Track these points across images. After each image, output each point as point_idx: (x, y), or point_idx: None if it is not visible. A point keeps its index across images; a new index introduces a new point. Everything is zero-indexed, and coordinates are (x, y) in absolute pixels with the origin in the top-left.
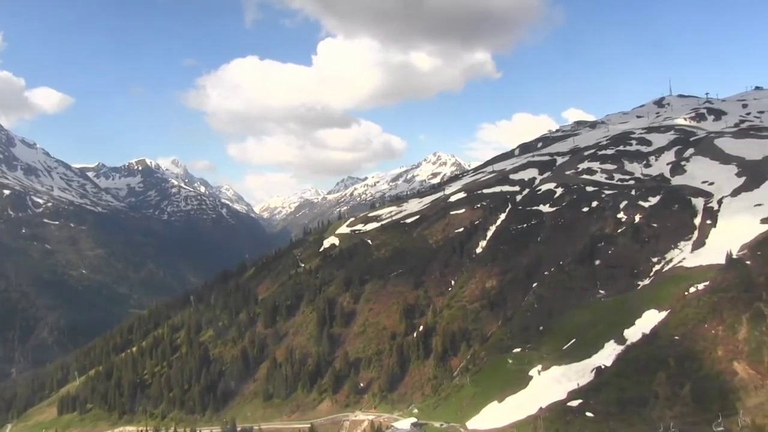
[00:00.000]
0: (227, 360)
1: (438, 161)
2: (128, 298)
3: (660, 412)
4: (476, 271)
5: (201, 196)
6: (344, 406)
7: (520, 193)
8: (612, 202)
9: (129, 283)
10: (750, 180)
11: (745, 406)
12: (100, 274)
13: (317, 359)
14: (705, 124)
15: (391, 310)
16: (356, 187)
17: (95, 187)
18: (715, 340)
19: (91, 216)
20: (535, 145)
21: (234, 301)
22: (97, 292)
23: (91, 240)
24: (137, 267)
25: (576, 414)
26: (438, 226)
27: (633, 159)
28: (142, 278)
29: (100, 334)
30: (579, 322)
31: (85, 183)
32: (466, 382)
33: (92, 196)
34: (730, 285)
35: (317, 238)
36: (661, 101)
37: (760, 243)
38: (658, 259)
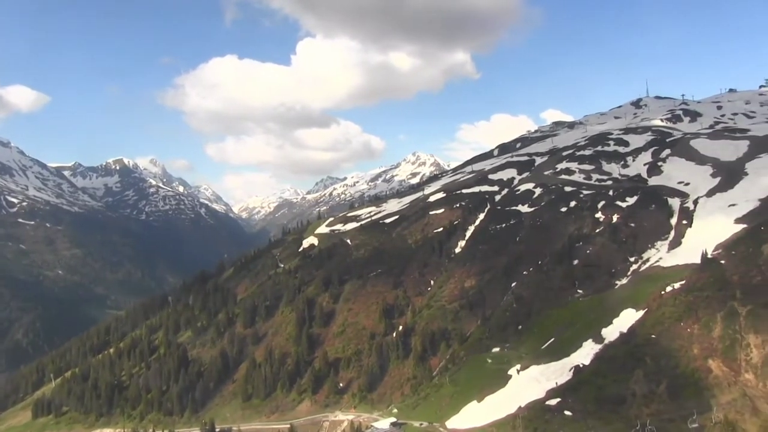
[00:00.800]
0: (206, 361)
1: (417, 161)
2: (105, 298)
3: (637, 409)
4: (455, 271)
5: (179, 196)
6: (324, 406)
7: (498, 193)
8: (590, 202)
9: (106, 284)
10: (725, 180)
11: (718, 403)
12: (77, 275)
13: (296, 359)
14: (681, 125)
15: (371, 310)
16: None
17: (72, 187)
18: (690, 339)
19: (68, 216)
20: (514, 145)
21: (213, 302)
22: (73, 292)
23: (68, 240)
24: (115, 267)
25: (554, 413)
26: (417, 226)
27: (611, 159)
28: (119, 279)
29: (76, 336)
30: (557, 321)
31: (61, 182)
32: (446, 381)
33: (69, 196)
34: (706, 284)
35: (296, 238)
36: (638, 102)
37: (735, 243)
38: (635, 258)
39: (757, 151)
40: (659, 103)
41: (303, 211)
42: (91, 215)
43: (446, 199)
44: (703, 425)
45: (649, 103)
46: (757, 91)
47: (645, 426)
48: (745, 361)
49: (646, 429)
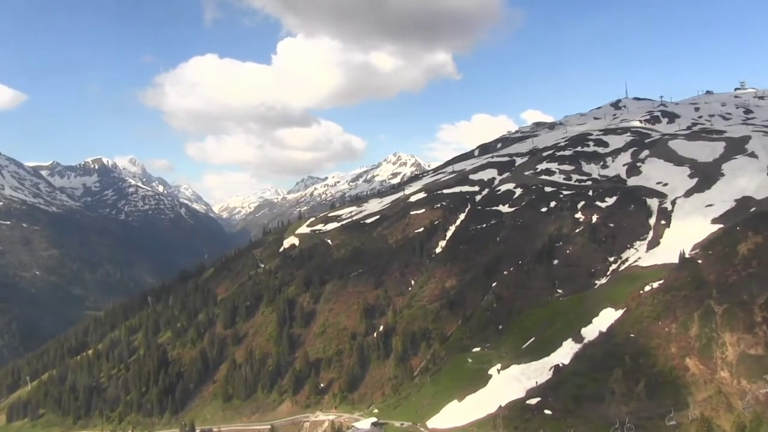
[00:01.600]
0: (186, 361)
1: (398, 161)
2: (84, 299)
3: (616, 408)
4: (436, 271)
5: (159, 196)
6: (305, 406)
7: (479, 194)
8: (570, 203)
9: (84, 285)
10: (702, 181)
11: (695, 400)
12: (54, 275)
13: (277, 360)
14: (659, 126)
15: (351, 310)
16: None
17: (49, 186)
18: (668, 337)
19: (45, 216)
20: (494, 145)
21: (193, 302)
22: (51, 293)
23: (45, 240)
24: (93, 268)
25: (534, 412)
26: (398, 226)
27: (590, 160)
28: (98, 279)
29: (53, 337)
30: (537, 321)
31: (38, 182)
32: (426, 381)
33: (46, 196)
34: (683, 284)
35: (277, 238)
36: (617, 103)
37: (711, 243)
38: (614, 258)
39: (733, 153)
40: (638, 104)
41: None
42: (69, 215)
43: (427, 199)
44: (680, 422)
45: (628, 104)
46: (732, 94)
47: (624, 424)
48: (720, 359)
49: (624, 427)
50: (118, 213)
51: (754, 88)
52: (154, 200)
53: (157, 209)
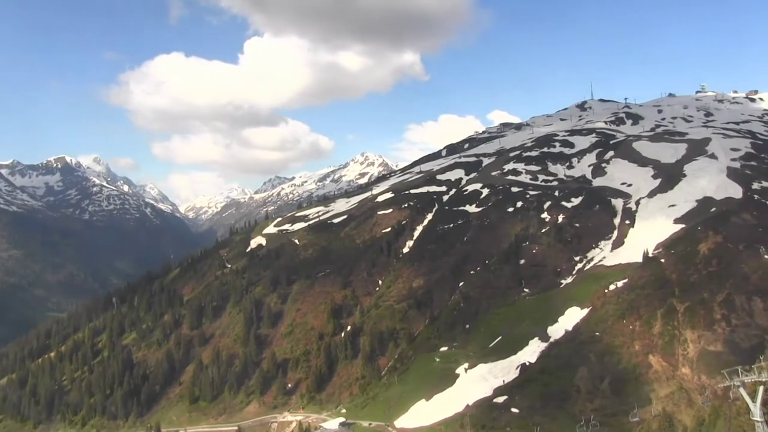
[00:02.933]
0: (151, 363)
1: (366, 161)
2: (46, 301)
3: (581, 405)
4: (403, 271)
5: (124, 196)
6: (272, 407)
7: (446, 194)
8: (536, 203)
9: (47, 286)
10: (665, 182)
11: (658, 396)
12: (15, 277)
13: (244, 360)
14: (624, 127)
15: (319, 310)
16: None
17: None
18: (632, 335)
19: (5, 216)
20: (461, 146)
21: (158, 303)
22: (11, 295)
23: (5, 241)
24: (56, 269)
25: (502, 410)
26: (365, 226)
27: (556, 160)
28: (61, 280)
29: (13, 340)
30: (504, 320)
31: None
32: (394, 381)
33: (6, 195)
34: (647, 282)
35: (244, 238)
36: (583, 105)
37: (674, 242)
38: (580, 258)
39: (695, 154)
40: (603, 105)
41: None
42: (30, 215)
43: (394, 199)
44: (643, 418)
45: (594, 105)
46: (693, 96)
47: (589, 421)
48: (682, 356)
49: (590, 424)
50: (82, 213)
51: (714, 92)
52: (119, 200)
53: (123, 209)
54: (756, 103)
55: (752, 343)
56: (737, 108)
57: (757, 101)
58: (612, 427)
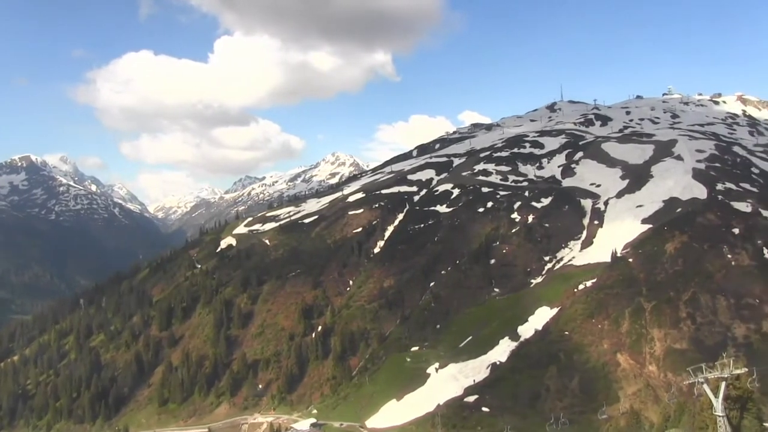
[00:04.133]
0: (120, 365)
1: (336, 161)
2: (9, 303)
3: (551, 404)
4: (374, 271)
5: (92, 195)
6: (243, 408)
7: (417, 194)
8: (506, 203)
9: (10, 287)
10: (633, 182)
11: (626, 394)
12: None
13: (214, 362)
14: (593, 129)
15: (290, 310)
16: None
17: None
18: (601, 334)
19: None
20: (432, 146)
21: (127, 304)
22: None
23: None
24: (20, 270)
25: (472, 410)
26: (336, 226)
27: (527, 161)
28: (25, 282)
29: None
30: (475, 319)
31: None
32: (365, 381)
33: None
34: (615, 282)
35: (214, 238)
36: (553, 106)
37: (642, 242)
38: (549, 258)
39: (662, 155)
40: (573, 107)
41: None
42: None
43: (365, 199)
44: (611, 416)
45: (564, 107)
46: (660, 98)
47: (559, 419)
48: (649, 354)
49: (559, 422)
50: (48, 213)
51: (680, 94)
52: (87, 199)
53: (90, 209)
54: (719, 105)
55: (716, 340)
56: (702, 110)
57: (720, 104)
58: (581, 424)
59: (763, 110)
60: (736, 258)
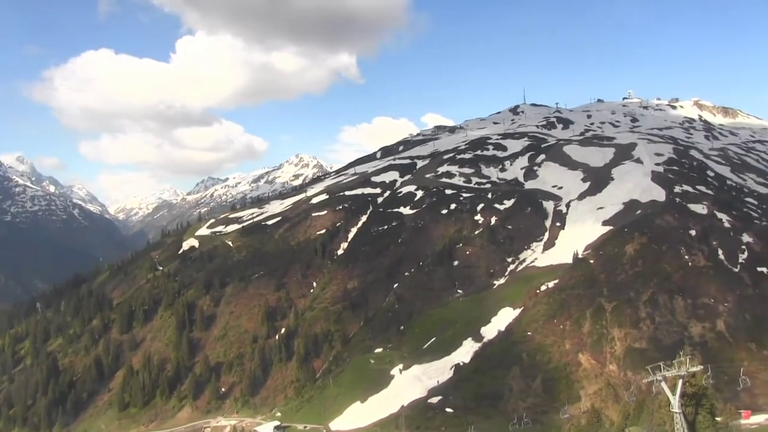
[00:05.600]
0: (79, 369)
1: (300, 163)
2: None
3: (514, 404)
4: (338, 273)
5: (50, 196)
6: (205, 412)
7: (381, 195)
8: (469, 205)
9: None
10: (594, 185)
11: (587, 393)
12: None
13: (176, 365)
14: (555, 131)
15: (253, 312)
16: (217, 188)
17: None
18: (563, 334)
19: None
20: (396, 148)
21: (86, 307)
22: None
23: None
24: None
25: (436, 410)
26: (300, 227)
27: (490, 163)
28: None
29: None
30: (438, 321)
31: None
32: (329, 383)
33: None
34: (576, 282)
35: (176, 240)
36: (516, 109)
37: (602, 243)
38: (512, 259)
39: (622, 158)
40: (535, 110)
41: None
42: None
43: (329, 200)
44: (573, 415)
45: (526, 110)
46: (621, 102)
47: (521, 419)
48: (609, 354)
49: (522, 422)
50: (3, 214)
51: (639, 98)
52: (45, 201)
53: (48, 210)
54: (677, 110)
55: (674, 339)
56: (660, 114)
57: (678, 108)
58: (543, 424)
59: (717, 115)
60: (692, 259)
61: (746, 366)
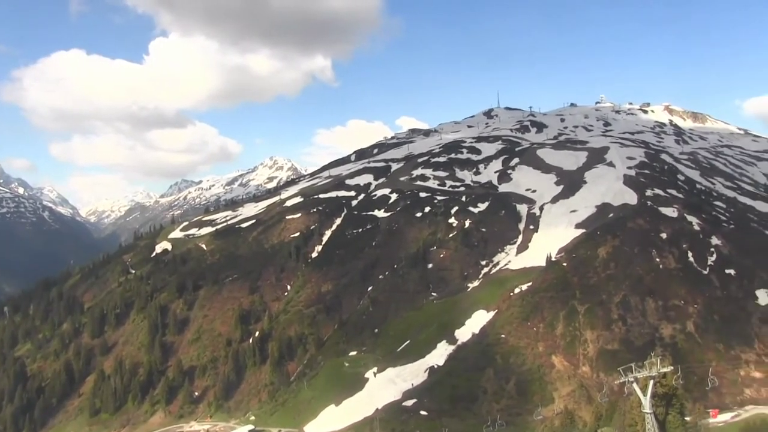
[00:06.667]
0: (48, 375)
1: (275, 165)
2: None
3: (488, 406)
4: (312, 276)
5: (19, 198)
6: (178, 416)
7: (355, 198)
8: (444, 208)
9: None
10: (567, 188)
11: (560, 395)
12: None
13: (149, 369)
14: (529, 135)
15: (226, 316)
16: (190, 191)
17: None
18: (536, 337)
19: None
20: (371, 151)
21: (57, 311)
22: None
23: None
24: None
25: (411, 413)
26: (274, 230)
27: (464, 167)
28: None
29: None
30: (412, 323)
31: None
32: (303, 386)
33: None
34: (550, 285)
35: (149, 242)
36: (490, 112)
37: (575, 246)
38: (486, 262)
39: (595, 162)
40: (509, 113)
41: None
42: None
43: (303, 203)
44: (546, 416)
45: (500, 113)
46: (593, 107)
47: (495, 421)
48: (582, 355)
49: (496, 424)
50: None
51: (612, 103)
52: (14, 203)
53: (17, 212)
54: (648, 114)
55: (645, 340)
56: (632, 119)
57: (649, 113)
58: (517, 426)
59: (687, 120)
60: (663, 261)
61: (714, 366)
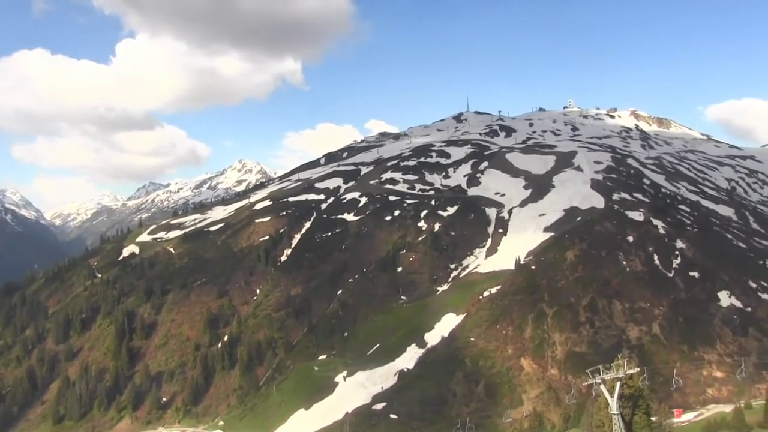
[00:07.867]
0: (9, 382)
1: (243, 168)
2: None
3: (458, 409)
4: (281, 279)
5: None
6: (145, 423)
7: (325, 202)
8: (413, 211)
9: None
10: (535, 192)
11: (529, 397)
12: None
13: (115, 374)
14: (498, 139)
15: (195, 320)
16: (158, 194)
17: None
18: (505, 339)
19: None
20: (340, 154)
21: (19, 316)
22: None
23: None
24: None
25: (380, 417)
26: (243, 234)
27: (433, 170)
28: None
29: None
30: (382, 327)
31: None
32: (273, 391)
33: None
34: (518, 288)
35: (116, 246)
36: (459, 116)
37: (544, 250)
38: (455, 265)
39: (563, 166)
40: (478, 118)
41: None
42: None
43: (272, 207)
44: (515, 419)
45: (470, 117)
46: (561, 111)
47: (465, 424)
48: (551, 358)
49: (466, 427)
50: None
51: (579, 108)
52: None
53: None
54: (615, 119)
55: (612, 342)
56: (599, 124)
57: (615, 118)
58: (487, 428)
59: (653, 125)
60: (630, 264)
61: (679, 367)
